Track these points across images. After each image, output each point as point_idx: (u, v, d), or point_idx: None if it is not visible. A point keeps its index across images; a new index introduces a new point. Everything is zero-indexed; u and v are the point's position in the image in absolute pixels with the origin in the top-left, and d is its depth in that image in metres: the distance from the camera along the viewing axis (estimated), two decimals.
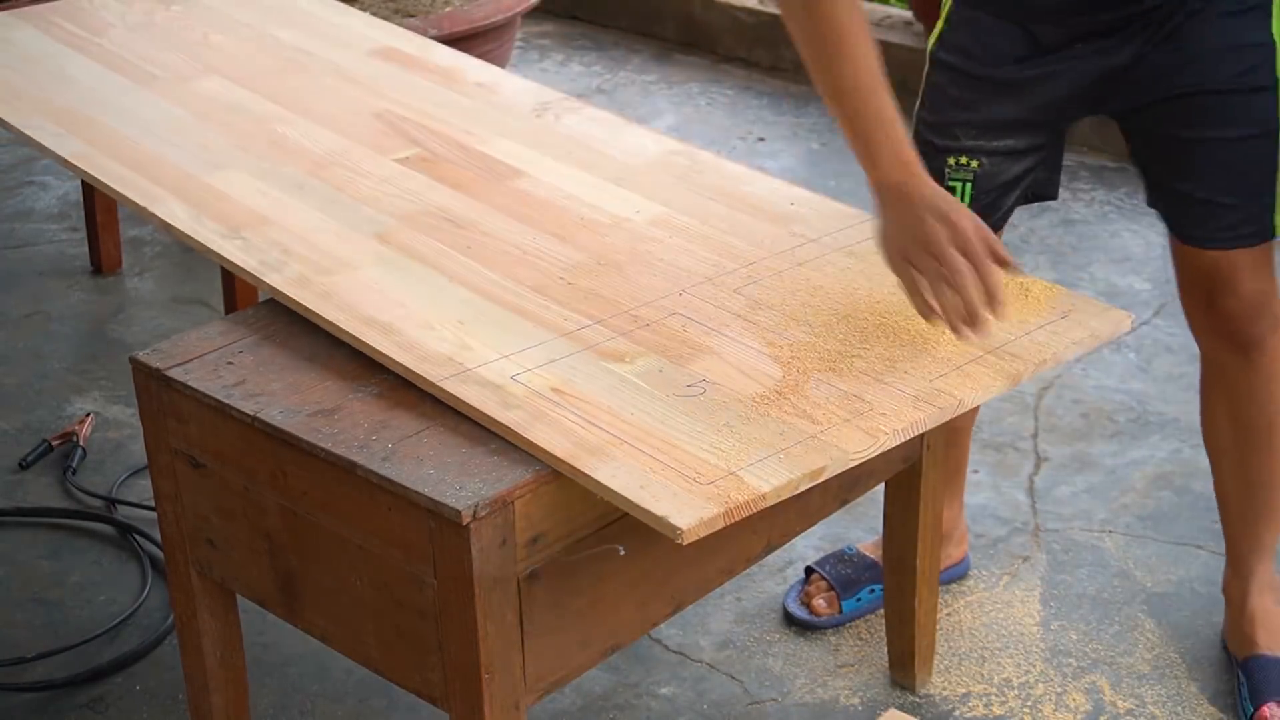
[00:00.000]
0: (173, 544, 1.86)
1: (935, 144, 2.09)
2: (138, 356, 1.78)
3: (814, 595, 2.40)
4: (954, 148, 2.08)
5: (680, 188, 2.10)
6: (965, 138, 2.08)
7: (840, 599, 2.38)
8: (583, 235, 1.97)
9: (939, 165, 2.06)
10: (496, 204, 2.04)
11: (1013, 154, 2.09)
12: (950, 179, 2.08)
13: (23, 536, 2.63)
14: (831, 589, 2.39)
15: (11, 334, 3.25)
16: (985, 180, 2.09)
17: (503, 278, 1.86)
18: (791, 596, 2.42)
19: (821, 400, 1.63)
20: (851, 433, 1.58)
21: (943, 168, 2.07)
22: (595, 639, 1.69)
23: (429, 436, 1.61)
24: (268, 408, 1.66)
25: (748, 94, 4.51)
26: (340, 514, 1.63)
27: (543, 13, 5.12)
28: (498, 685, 1.59)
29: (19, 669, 2.31)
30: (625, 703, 2.24)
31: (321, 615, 1.72)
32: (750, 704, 2.24)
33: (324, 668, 2.30)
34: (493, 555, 1.53)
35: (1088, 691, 2.25)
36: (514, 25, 3.97)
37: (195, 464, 1.77)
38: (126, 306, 3.37)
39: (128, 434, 2.89)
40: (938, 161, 2.05)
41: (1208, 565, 2.50)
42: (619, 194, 2.08)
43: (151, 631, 2.39)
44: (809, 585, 2.42)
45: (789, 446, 1.55)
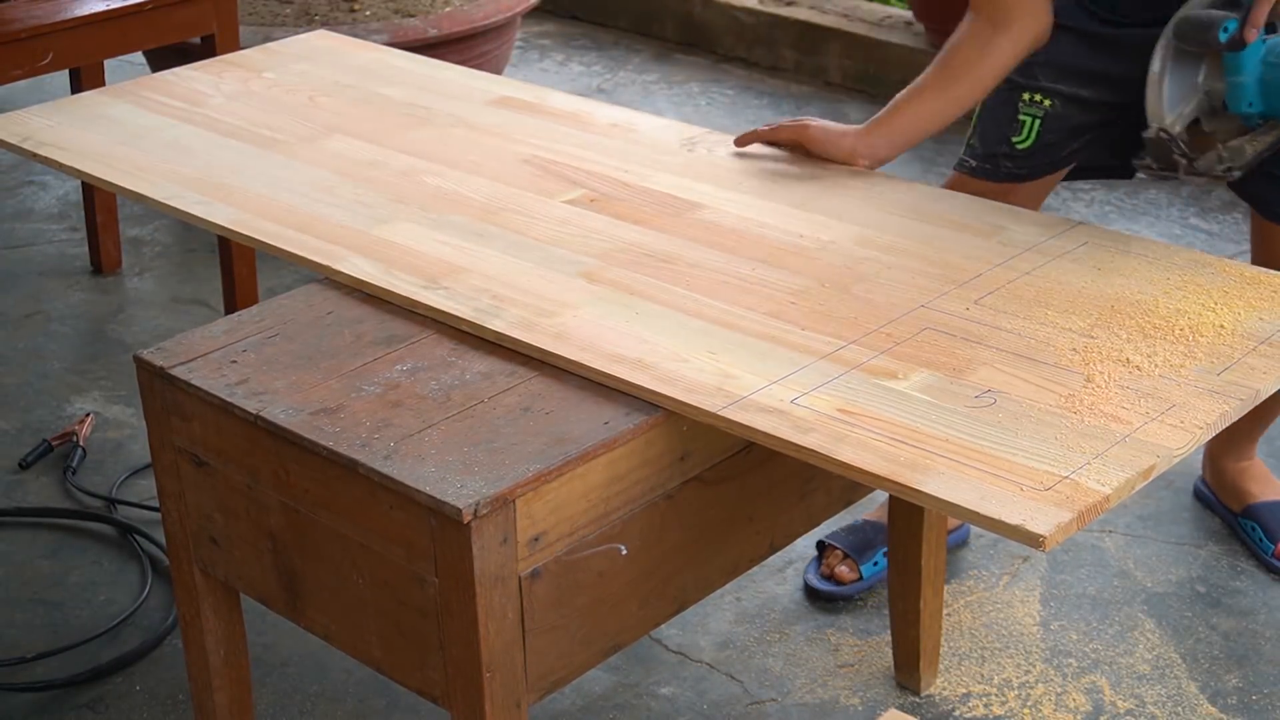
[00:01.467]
0: (176, 542, 1.86)
1: (1014, 80, 2.21)
2: (141, 355, 1.78)
3: (834, 565, 2.45)
4: (1031, 85, 2.23)
5: (868, 208, 2.05)
6: (1044, 78, 2.22)
7: (859, 564, 2.44)
8: (794, 260, 1.91)
9: (1014, 99, 2.24)
10: (689, 236, 1.98)
11: (1084, 104, 2.23)
12: (1022, 113, 2.23)
13: (23, 536, 2.64)
14: (849, 556, 2.45)
15: (11, 334, 3.26)
16: (1053, 120, 2.24)
17: (732, 306, 1.80)
18: (812, 572, 2.46)
19: (1119, 402, 1.60)
20: (1165, 430, 1.56)
21: (1017, 101, 2.24)
22: (597, 638, 1.69)
23: (430, 435, 1.61)
24: (270, 406, 1.67)
25: (748, 94, 4.51)
26: (342, 512, 1.63)
27: (543, 13, 5.13)
28: (499, 684, 1.59)
29: (19, 669, 2.31)
30: (625, 703, 2.24)
31: (323, 614, 1.72)
32: (750, 704, 2.24)
33: (324, 668, 2.30)
34: (494, 554, 1.53)
35: (1088, 691, 2.25)
36: (514, 25, 3.97)
37: (198, 462, 1.77)
38: (126, 306, 3.37)
39: (128, 434, 2.89)
40: (1013, 94, 2.23)
41: (1207, 565, 2.50)
42: (809, 218, 2.02)
43: (152, 632, 2.39)
44: (827, 557, 2.47)
45: (1109, 449, 1.52)
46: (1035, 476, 1.48)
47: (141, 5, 3.11)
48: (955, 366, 1.67)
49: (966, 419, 1.57)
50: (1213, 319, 1.76)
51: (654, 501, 1.67)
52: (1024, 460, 1.50)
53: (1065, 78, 2.22)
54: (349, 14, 3.82)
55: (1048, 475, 1.48)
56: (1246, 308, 1.78)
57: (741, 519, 1.78)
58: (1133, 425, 1.56)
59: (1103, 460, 1.51)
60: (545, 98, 2.48)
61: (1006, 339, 1.73)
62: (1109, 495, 1.46)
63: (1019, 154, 2.28)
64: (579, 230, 2.00)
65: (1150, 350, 1.70)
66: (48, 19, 3.00)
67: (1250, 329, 1.74)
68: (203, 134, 2.35)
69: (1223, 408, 1.60)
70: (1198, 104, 1.94)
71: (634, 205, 2.07)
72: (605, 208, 2.07)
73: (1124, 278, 1.85)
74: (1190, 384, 1.64)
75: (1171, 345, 1.71)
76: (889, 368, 1.67)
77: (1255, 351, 1.70)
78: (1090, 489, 1.46)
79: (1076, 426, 1.56)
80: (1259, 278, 1.85)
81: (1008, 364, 1.68)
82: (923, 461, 1.50)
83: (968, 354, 1.70)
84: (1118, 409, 1.59)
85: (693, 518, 1.72)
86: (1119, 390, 1.62)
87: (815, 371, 1.66)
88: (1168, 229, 3.64)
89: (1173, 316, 1.76)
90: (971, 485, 1.47)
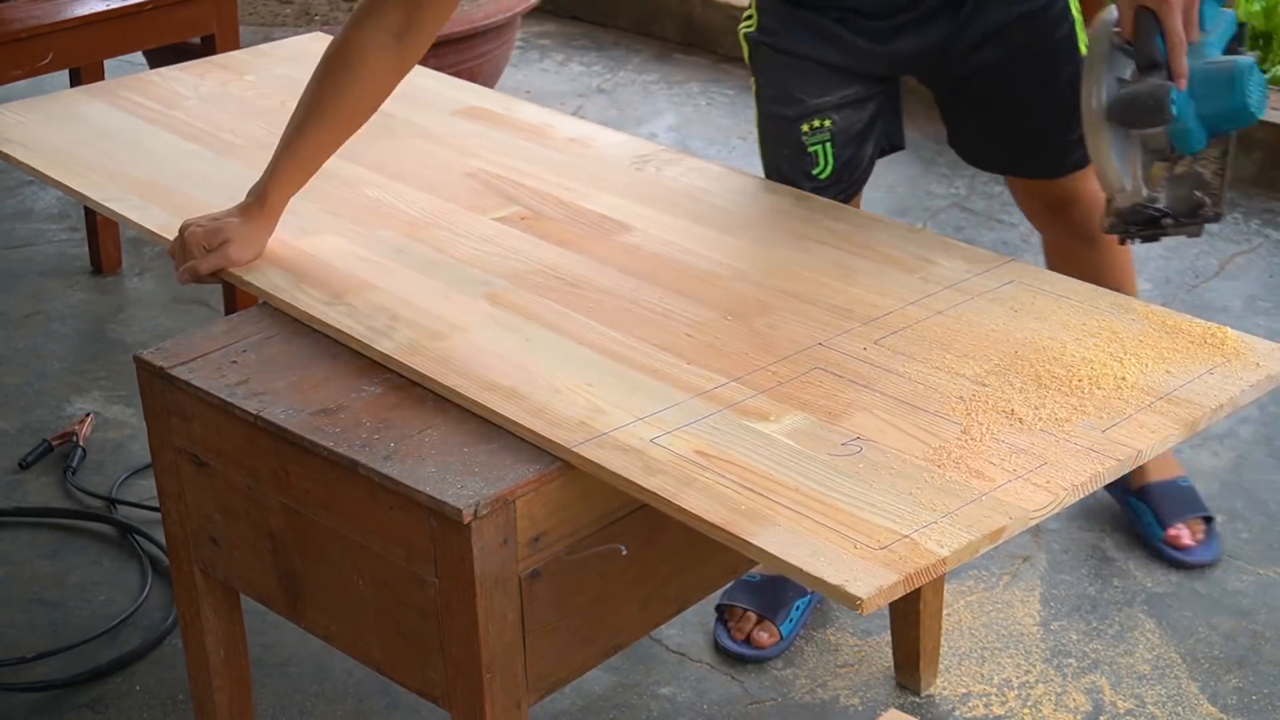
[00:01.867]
0: (176, 543, 1.86)
1: (786, 115, 2.19)
2: (141, 355, 1.78)
3: (749, 629, 2.31)
4: (804, 113, 2.18)
5: (796, 237, 2.01)
6: (809, 97, 2.18)
7: (776, 624, 2.31)
8: (704, 289, 1.88)
9: (795, 135, 2.19)
10: (608, 260, 1.95)
11: (858, 102, 2.19)
12: (810, 145, 2.18)
13: (23, 536, 2.64)
14: (763, 618, 2.31)
15: (11, 334, 3.26)
16: (841, 135, 2.20)
17: (626, 336, 1.77)
18: (723, 636, 2.32)
19: (989, 456, 1.54)
20: (1026, 489, 1.49)
21: (800, 137, 2.18)
22: (597, 638, 1.69)
23: (431, 436, 1.61)
24: (270, 406, 1.67)
25: (748, 94, 4.50)
26: (342, 513, 1.63)
27: (543, 13, 5.12)
28: (499, 685, 1.59)
29: (19, 669, 2.31)
30: (625, 703, 2.24)
31: (323, 614, 1.72)
32: (750, 704, 2.24)
33: (324, 668, 2.30)
34: (494, 554, 1.53)
35: (1088, 691, 2.25)
36: (514, 25, 3.97)
37: (198, 463, 1.77)
38: (126, 306, 3.37)
39: (128, 434, 2.89)
40: (794, 132, 2.18)
41: (1207, 564, 2.50)
42: (734, 245, 1.99)
43: (151, 632, 2.39)
44: (737, 621, 2.33)
45: (961, 507, 1.46)
46: (874, 533, 1.42)
47: (141, 5, 3.11)
48: (832, 410, 1.62)
49: (825, 468, 1.52)
50: (1116, 370, 1.69)
51: None
52: (869, 515, 1.45)
53: (828, 88, 2.18)
54: (349, 14, 3.82)
55: (887, 533, 1.42)
56: (1156, 359, 1.71)
57: None
58: (994, 483, 1.49)
59: (950, 519, 1.44)
60: (514, 109, 2.45)
61: (895, 383, 1.67)
62: (946, 558, 1.40)
63: (827, 183, 2.21)
64: (499, 250, 1.97)
65: (1039, 401, 1.63)
66: (48, 19, 3.01)
67: (1152, 383, 1.66)
68: (167, 137, 2.35)
69: (1096, 468, 1.52)
70: (1143, 158, 1.89)
71: (564, 225, 2.04)
72: (534, 227, 2.04)
73: (1038, 321, 1.79)
74: (1070, 440, 1.56)
75: (1064, 397, 1.64)
76: (763, 409, 1.62)
77: (1150, 408, 1.62)
78: (926, 550, 1.40)
79: (935, 481, 1.50)
80: (1180, 326, 1.77)
81: (887, 410, 1.62)
82: (764, 511, 1.45)
83: (849, 397, 1.64)
84: (985, 464, 1.52)
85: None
86: (993, 443, 1.56)
87: (685, 409, 1.62)
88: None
89: (1076, 365, 1.69)
90: (805, 541, 1.41)
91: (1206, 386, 1.66)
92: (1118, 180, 1.85)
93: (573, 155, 2.27)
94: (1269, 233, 3.61)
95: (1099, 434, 1.58)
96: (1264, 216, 3.69)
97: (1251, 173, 3.82)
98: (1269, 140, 3.80)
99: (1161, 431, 1.59)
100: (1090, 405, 1.62)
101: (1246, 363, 1.71)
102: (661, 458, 1.54)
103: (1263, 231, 3.62)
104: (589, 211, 2.08)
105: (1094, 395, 1.64)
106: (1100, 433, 1.58)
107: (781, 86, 2.21)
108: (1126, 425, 1.59)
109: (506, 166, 2.23)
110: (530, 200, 2.12)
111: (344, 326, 1.79)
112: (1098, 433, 1.58)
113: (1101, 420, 1.60)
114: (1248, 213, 3.71)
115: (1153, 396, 1.64)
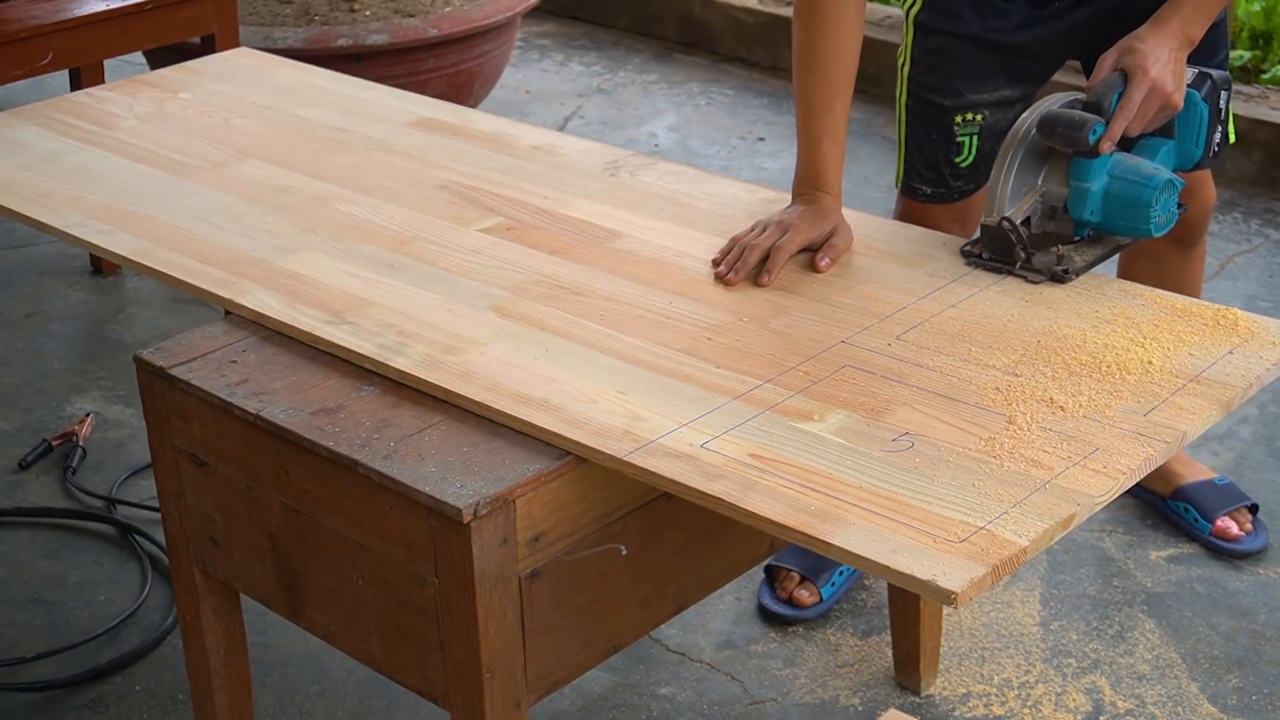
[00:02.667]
0: (176, 543, 1.86)
1: (941, 104, 2.27)
2: (141, 355, 1.78)
3: (791, 589, 2.40)
4: (959, 105, 2.26)
5: None
6: (968, 92, 2.25)
7: (818, 586, 2.39)
8: (711, 293, 1.86)
9: (947, 123, 2.28)
10: (606, 267, 1.93)
11: (1009, 103, 2.27)
12: (960, 134, 2.27)
13: (23, 536, 2.64)
14: (805, 579, 2.40)
15: (11, 334, 3.26)
16: (989, 130, 2.28)
17: (646, 342, 1.75)
18: (766, 596, 2.41)
19: (1041, 445, 1.54)
20: (1085, 475, 1.49)
21: (951, 125, 2.27)
22: (597, 638, 1.69)
23: (430, 435, 1.61)
24: (270, 406, 1.67)
25: (748, 94, 4.51)
26: (342, 512, 1.63)
27: (543, 13, 5.13)
28: (499, 684, 1.59)
29: (19, 669, 2.31)
30: (625, 703, 2.24)
31: (323, 614, 1.72)
32: (750, 704, 2.24)
33: (324, 668, 2.30)
34: (494, 554, 1.53)
35: (1088, 691, 2.25)
36: (514, 25, 3.97)
37: (198, 462, 1.77)
38: (126, 306, 3.37)
39: (128, 434, 2.89)
40: (945, 119, 2.27)
41: (1208, 565, 2.50)
42: None
43: (151, 632, 2.39)
44: (781, 581, 2.41)
45: (1028, 496, 1.46)
46: (950, 527, 1.42)
47: (141, 5, 3.11)
48: (873, 407, 1.61)
49: (882, 464, 1.52)
50: (1141, 355, 1.70)
51: (654, 501, 1.67)
52: (939, 509, 1.44)
53: (985, 85, 2.26)
54: (349, 14, 3.82)
55: (963, 525, 1.42)
56: (1176, 342, 1.73)
57: None
58: (1054, 471, 1.50)
59: (1021, 509, 1.44)
60: (468, 119, 2.43)
61: (928, 377, 1.67)
62: (1026, 547, 1.40)
63: (965, 171, 2.31)
64: (492, 261, 1.95)
65: (1075, 389, 1.64)
66: (48, 19, 3.01)
67: (1179, 365, 1.68)
68: (112, 159, 2.29)
69: (1147, 451, 1.54)
70: (1034, 204, 1.91)
71: (551, 234, 2.02)
72: (521, 236, 2.02)
73: (1051, 310, 1.80)
74: (1115, 425, 1.57)
75: (1097, 383, 1.65)
76: (804, 409, 1.61)
77: (1184, 390, 1.64)
78: (1006, 540, 1.40)
79: (996, 472, 1.50)
80: (1190, 309, 1.79)
81: (928, 404, 1.62)
82: (834, 511, 1.45)
83: (887, 393, 1.64)
84: (1039, 453, 1.53)
85: (693, 518, 1.72)
86: (1041, 432, 1.56)
87: (727, 413, 1.61)
88: None
89: (1100, 352, 1.71)
90: (884, 537, 1.41)
91: (1231, 367, 1.69)
92: (1003, 200, 1.88)
93: (541, 163, 2.24)
94: (1269, 233, 3.61)
95: (1141, 418, 1.59)
96: (1264, 216, 3.69)
97: (1251, 173, 3.82)
98: (1269, 140, 3.80)
99: (1201, 412, 1.61)
100: (1125, 390, 1.64)
101: (1264, 342, 1.73)
102: (716, 462, 1.53)
103: (1263, 231, 3.62)
104: (572, 219, 2.06)
105: (1126, 380, 1.66)
106: (1142, 416, 1.60)
107: (944, 75, 2.26)
108: (1165, 408, 1.61)
109: (477, 177, 2.20)
110: (510, 210, 2.09)
111: (352, 345, 1.75)
112: (1139, 416, 1.60)
113: (1140, 404, 1.62)
114: (1248, 213, 3.71)
115: (1183, 379, 1.66)
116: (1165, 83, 1.89)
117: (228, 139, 2.34)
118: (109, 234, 2.04)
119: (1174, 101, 1.91)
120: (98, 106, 2.51)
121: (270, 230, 2.02)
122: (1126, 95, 1.89)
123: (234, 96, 2.52)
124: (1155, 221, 1.86)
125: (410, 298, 1.86)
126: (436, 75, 3.74)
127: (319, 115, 2.44)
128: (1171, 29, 1.94)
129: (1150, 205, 1.85)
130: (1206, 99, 1.97)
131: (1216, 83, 1.98)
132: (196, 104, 2.50)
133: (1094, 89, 1.91)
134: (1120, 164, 1.88)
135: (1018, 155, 1.89)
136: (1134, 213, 1.87)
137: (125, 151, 2.32)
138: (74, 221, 2.09)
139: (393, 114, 2.45)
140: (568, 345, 1.75)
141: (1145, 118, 1.90)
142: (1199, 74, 1.97)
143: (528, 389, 1.66)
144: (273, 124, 2.41)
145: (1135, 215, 1.87)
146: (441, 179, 2.20)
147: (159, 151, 2.31)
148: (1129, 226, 1.88)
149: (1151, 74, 1.89)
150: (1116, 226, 1.90)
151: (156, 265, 1.96)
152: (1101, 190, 1.87)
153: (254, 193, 2.16)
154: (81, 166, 2.27)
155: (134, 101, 2.52)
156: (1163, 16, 1.97)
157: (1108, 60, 1.94)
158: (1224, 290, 3.35)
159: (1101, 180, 1.87)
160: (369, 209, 2.10)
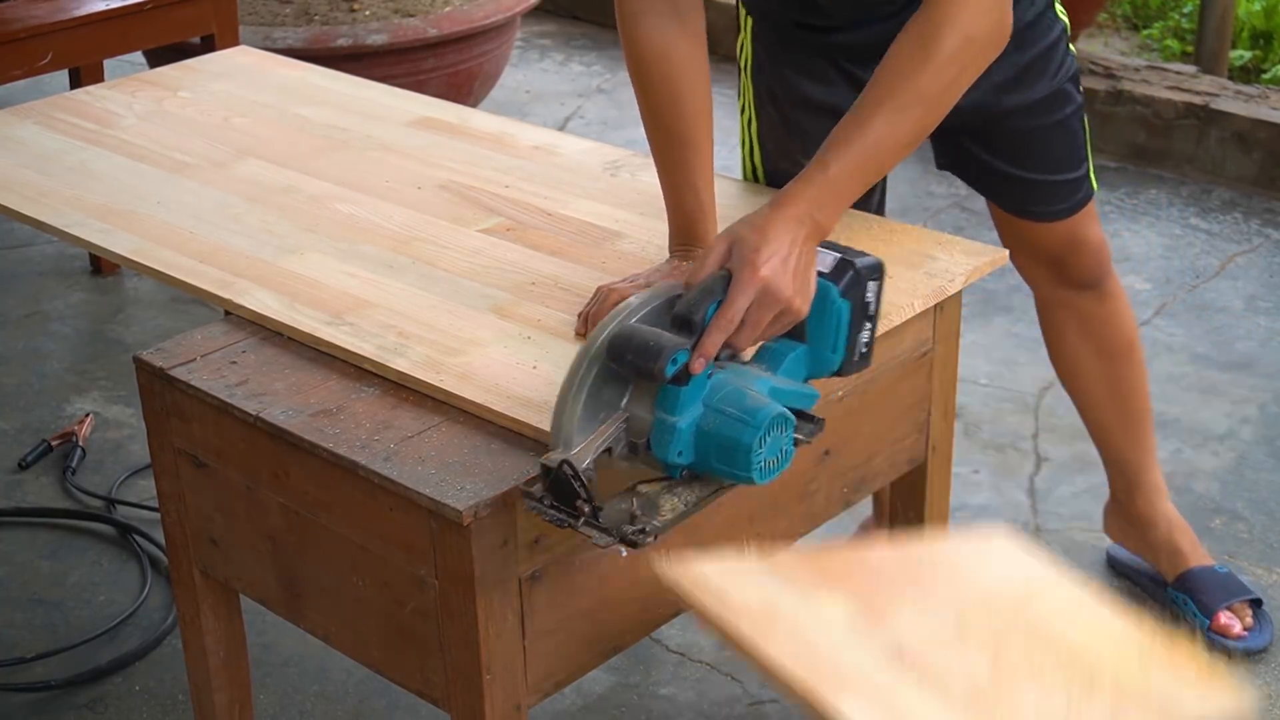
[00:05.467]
0: (176, 543, 1.86)
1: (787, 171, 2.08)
2: (141, 356, 1.78)
3: None
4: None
5: None
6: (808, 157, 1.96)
7: None
8: None
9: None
10: (608, 268, 1.91)
11: None
12: None
13: (23, 536, 2.64)
14: None
15: (11, 334, 3.26)
16: None
17: None
18: None
19: None
20: None
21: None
22: (597, 640, 1.69)
23: (431, 437, 1.61)
24: (270, 407, 1.66)
25: None
26: (342, 514, 1.63)
27: (543, 13, 5.12)
28: (499, 686, 1.59)
29: (19, 669, 2.31)
30: (626, 703, 2.24)
31: (323, 615, 1.72)
32: (750, 704, 2.24)
33: (324, 668, 2.30)
34: (494, 555, 1.53)
35: None
36: (514, 25, 3.97)
37: (198, 463, 1.77)
38: (126, 306, 3.37)
39: (127, 434, 2.89)
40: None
41: None
42: None
43: (151, 632, 2.39)
44: None
45: None
46: None
47: (141, 5, 3.11)
48: None
49: None
50: None
51: None
52: None
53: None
54: (349, 14, 3.82)
55: None
56: None
57: (741, 519, 1.78)
58: None
59: None
60: (468, 119, 2.41)
61: None
62: None
63: None
64: (493, 261, 1.94)
65: None
66: (48, 19, 3.01)
67: None
68: (112, 158, 2.28)
69: None
70: (616, 431, 1.48)
71: (552, 234, 2.01)
72: (522, 237, 2.00)
73: None
74: None
75: None
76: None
77: None
78: None
79: None
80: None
81: None
82: None
83: None
84: None
85: (692, 519, 1.71)
86: None
87: None
88: (1168, 229, 3.64)
89: None
90: None
91: None
92: (569, 432, 1.45)
93: (542, 163, 2.23)
94: (1269, 233, 3.61)
95: None
96: (1264, 216, 3.69)
97: (1252, 173, 3.82)
98: (1269, 140, 3.80)
99: None
100: None
101: None
102: None
103: (1263, 231, 3.62)
104: (573, 219, 2.06)
105: None
106: None
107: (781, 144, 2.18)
108: None
109: (477, 177, 2.19)
110: (511, 210, 2.08)
111: (351, 346, 1.74)
112: None
113: None
114: (1248, 213, 3.71)
115: None
116: (781, 286, 1.50)
117: (227, 138, 2.33)
118: (108, 233, 2.04)
119: (795, 307, 1.51)
120: (97, 105, 2.50)
121: (270, 230, 2.02)
122: (727, 302, 1.49)
123: (234, 95, 2.52)
124: (759, 467, 1.46)
125: (410, 298, 1.86)
126: (436, 75, 3.74)
127: (319, 114, 2.44)
128: (796, 213, 1.55)
129: (751, 449, 1.45)
130: (846, 294, 1.55)
131: (860, 272, 1.56)
132: (196, 103, 2.49)
133: (687, 295, 1.50)
134: (721, 388, 1.48)
135: (590, 372, 1.46)
136: (732, 456, 1.46)
137: (124, 150, 2.32)
138: (73, 221, 2.08)
139: (392, 113, 2.45)
140: (568, 346, 1.75)
141: (758, 327, 1.51)
142: (839, 262, 1.57)
143: (528, 390, 1.66)
144: (272, 123, 2.41)
145: (734, 459, 1.46)
146: (441, 179, 2.19)
147: (158, 150, 2.31)
148: (727, 471, 1.48)
149: (762, 274, 1.49)
150: (713, 469, 1.49)
151: (155, 265, 1.96)
152: (692, 426, 1.46)
153: (254, 192, 2.15)
154: (81, 165, 2.26)
155: (133, 100, 2.52)
156: (787, 196, 1.58)
157: (714, 253, 1.54)
158: (1224, 290, 3.35)
159: (693, 413, 1.46)
160: (369, 209, 2.10)
